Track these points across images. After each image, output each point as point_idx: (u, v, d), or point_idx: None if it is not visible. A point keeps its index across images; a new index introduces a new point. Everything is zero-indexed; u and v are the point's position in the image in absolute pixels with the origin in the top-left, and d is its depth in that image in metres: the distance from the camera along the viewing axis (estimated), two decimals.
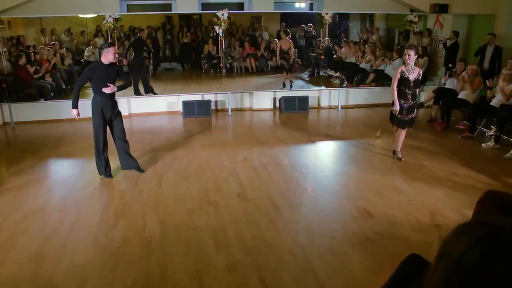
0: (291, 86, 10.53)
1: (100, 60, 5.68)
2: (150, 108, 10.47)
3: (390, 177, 6.06)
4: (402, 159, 6.57)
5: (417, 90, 6.46)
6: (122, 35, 10.42)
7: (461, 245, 0.81)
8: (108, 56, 5.63)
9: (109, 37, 9.64)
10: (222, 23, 9.80)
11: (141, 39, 10.00)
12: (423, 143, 7.79)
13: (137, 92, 9.97)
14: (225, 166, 6.50)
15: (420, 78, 6.31)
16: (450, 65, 10.10)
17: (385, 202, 5.20)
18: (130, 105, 10.33)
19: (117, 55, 6.17)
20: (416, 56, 6.18)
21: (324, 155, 6.91)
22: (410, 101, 6.37)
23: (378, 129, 8.94)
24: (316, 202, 5.25)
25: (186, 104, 10.04)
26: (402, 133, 6.49)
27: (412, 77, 6.32)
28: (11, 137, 8.79)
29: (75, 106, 5.61)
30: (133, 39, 10.09)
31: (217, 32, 9.94)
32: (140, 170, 6.20)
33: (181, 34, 10.70)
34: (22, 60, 9.37)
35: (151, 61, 10.64)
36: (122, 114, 5.89)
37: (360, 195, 5.46)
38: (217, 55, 10.43)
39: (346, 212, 4.92)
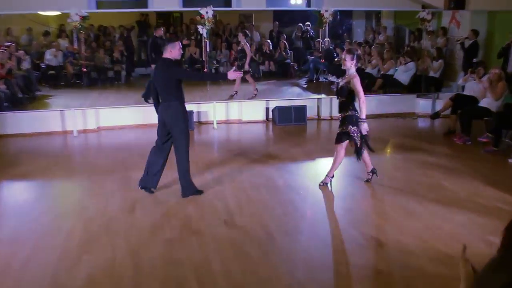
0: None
1: (167, 59, 5.76)
2: (121, 121, 10.50)
3: (402, 199, 6.05)
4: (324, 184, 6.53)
5: (346, 100, 6.30)
6: (91, 35, 10.56)
7: (499, 282, 0.84)
8: (174, 52, 5.75)
9: (75, 39, 9.80)
10: (206, 22, 9.89)
11: (159, 39, 9.97)
12: (440, 159, 7.84)
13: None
14: (210, 188, 6.49)
15: (348, 87, 6.19)
16: (474, 60, 10.05)
17: (397, 228, 5.19)
18: (99, 117, 10.38)
19: None
20: (353, 61, 6.20)
21: (324, 174, 6.72)
22: (339, 114, 6.43)
23: (387, 143, 8.99)
24: (316, 229, 5.26)
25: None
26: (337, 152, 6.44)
27: (341, 83, 6.39)
28: None
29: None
30: (150, 40, 10.22)
31: (201, 32, 10.02)
32: (150, 191, 6.26)
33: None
34: None
35: (123, 65, 10.76)
36: (89, 127, 5.82)
37: (368, 220, 5.47)
38: (201, 59, 10.49)
39: (351, 241, 4.91)
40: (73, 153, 9.03)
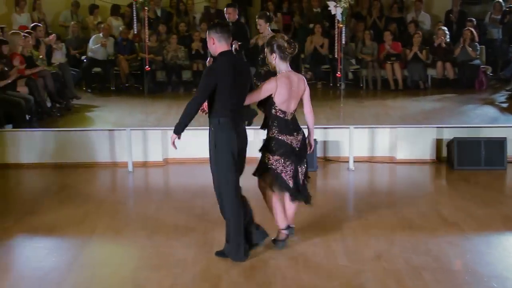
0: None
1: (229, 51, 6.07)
2: (200, 151, 9.69)
3: None
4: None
5: None
6: (158, 14, 10.84)
7: None
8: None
9: (135, 19, 9.60)
10: None
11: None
12: None
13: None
14: (340, 268, 6.10)
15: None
16: None
17: None
18: (167, 143, 9.68)
19: None
20: None
21: None
22: None
23: None
24: None
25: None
26: None
27: None
28: None
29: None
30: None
31: (333, 13, 9.60)
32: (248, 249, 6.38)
33: None
34: None
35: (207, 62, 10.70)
36: (152, 158, 6.93)
37: None
38: (330, 56, 10.71)
39: None
40: (125, 197, 8.99)
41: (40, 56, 9.87)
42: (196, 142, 9.40)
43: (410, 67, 11.01)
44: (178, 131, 5.97)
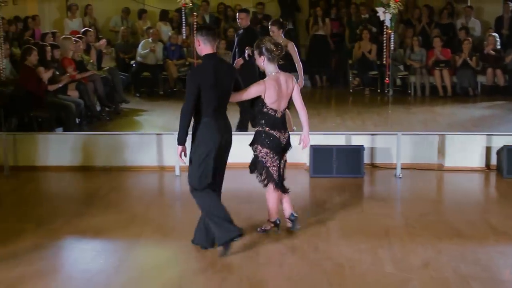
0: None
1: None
2: (243, 156, 9.81)
3: None
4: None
5: None
6: (206, 20, 10.88)
7: None
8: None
9: (183, 24, 9.57)
10: (392, 2, 9.33)
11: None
12: None
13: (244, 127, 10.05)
14: (387, 276, 6.05)
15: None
16: None
17: None
18: None
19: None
20: None
21: None
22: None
23: None
24: None
25: (316, 151, 9.63)
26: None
27: None
28: (3, 195, 8.89)
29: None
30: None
31: (382, 19, 9.52)
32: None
33: (311, 20, 11.11)
34: (32, 59, 9.23)
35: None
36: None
37: None
38: (378, 62, 10.62)
39: None
40: (172, 201, 8.99)
41: (91, 61, 9.98)
42: (242, 148, 9.73)
43: (459, 74, 10.94)
44: (182, 142, 6.16)
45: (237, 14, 9.88)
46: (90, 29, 9.95)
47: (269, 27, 9.61)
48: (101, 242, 6.98)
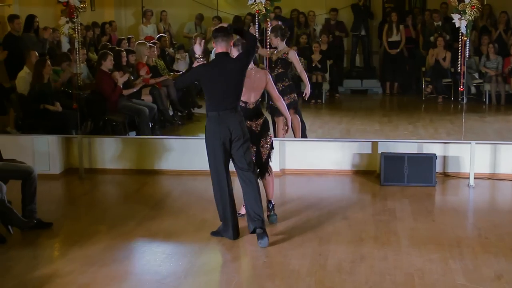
0: None
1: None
2: (320, 162, 10.03)
3: None
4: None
5: None
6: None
7: None
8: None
9: (256, 30, 9.53)
10: (468, 8, 9.09)
11: None
12: None
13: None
14: (458, 287, 5.93)
15: None
16: None
17: None
18: (284, 153, 10.05)
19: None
20: None
21: None
22: None
23: None
24: None
25: (387, 159, 9.51)
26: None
27: None
28: (77, 197, 9.10)
29: None
30: None
31: (457, 26, 9.24)
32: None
33: (387, 27, 11.15)
34: (107, 64, 9.39)
35: (326, 75, 10.98)
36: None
37: None
38: (452, 70, 10.52)
39: None
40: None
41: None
42: (313, 154, 9.99)
43: None
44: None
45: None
46: (164, 35, 10.09)
47: (269, 34, 9.78)
48: (172, 245, 7.04)
